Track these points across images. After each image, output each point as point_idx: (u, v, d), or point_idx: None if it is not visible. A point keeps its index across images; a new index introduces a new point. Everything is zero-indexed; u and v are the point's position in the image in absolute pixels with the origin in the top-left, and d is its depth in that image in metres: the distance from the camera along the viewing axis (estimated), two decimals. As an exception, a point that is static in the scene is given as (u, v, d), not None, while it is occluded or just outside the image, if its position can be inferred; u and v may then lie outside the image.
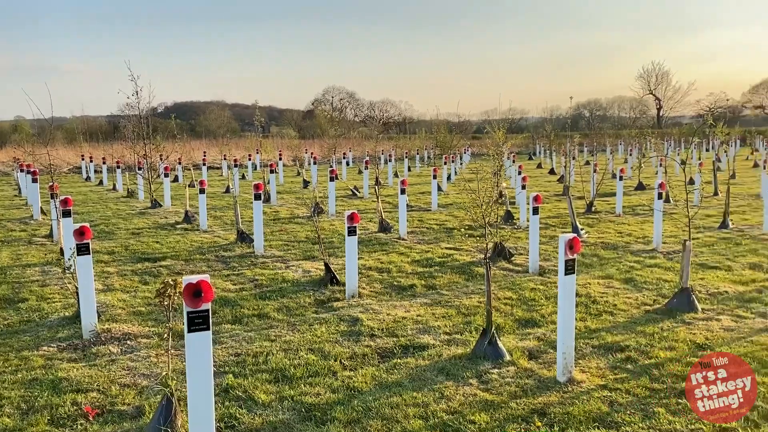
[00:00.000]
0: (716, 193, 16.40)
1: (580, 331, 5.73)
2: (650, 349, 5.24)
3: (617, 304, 6.63)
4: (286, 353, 5.26)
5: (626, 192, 17.22)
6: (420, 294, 7.18)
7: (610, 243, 10.16)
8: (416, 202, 16.11)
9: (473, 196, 6.25)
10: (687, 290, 6.44)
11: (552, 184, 21.53)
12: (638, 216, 13.25)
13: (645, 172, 23.26)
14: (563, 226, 11.93)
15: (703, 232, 11.01)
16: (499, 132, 14.89)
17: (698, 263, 8.52)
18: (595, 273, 8.12)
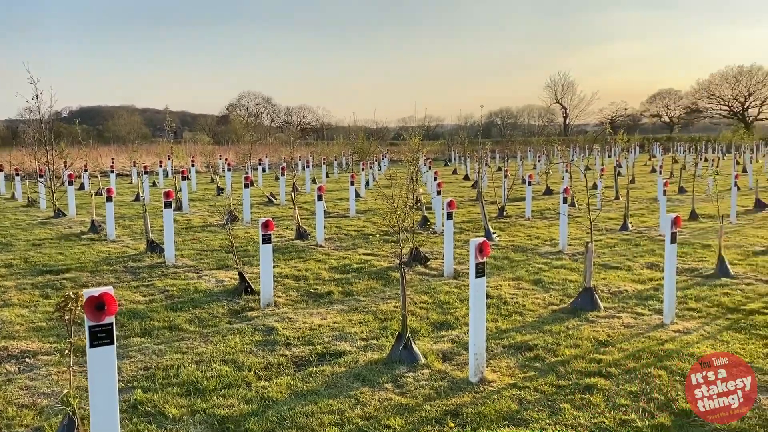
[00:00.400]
0: (617, 197, 17.32)
1: (492, 332, 5.90)
2: (557, 347, 5.48)
3: (526, 305, 6.89)
4: (198, 365, 5.12)
5: (535, 197, 17.93)
6: (337, 301, 7.17)
7: (520, 246, 10.54)
8: (334, 209, 16.09)
9: (390, 202, 6.32)
10: (590, 290, 6.77)
11: (466, 189, 22.09)
12: (546, 219, 13.81)
13: (552, 177, 24.28)
14: (477, 230, 12.26)
15: (606, 234, 11.62)
16: (415, 139, 15.14)
17: (601, 264, 8.98)
18: (506, 275, 8.40)
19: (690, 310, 6.59)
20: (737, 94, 76.68)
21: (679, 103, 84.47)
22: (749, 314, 6.37)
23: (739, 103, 76.74)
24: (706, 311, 6.54)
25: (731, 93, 77.19)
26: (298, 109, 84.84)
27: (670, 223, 6.10)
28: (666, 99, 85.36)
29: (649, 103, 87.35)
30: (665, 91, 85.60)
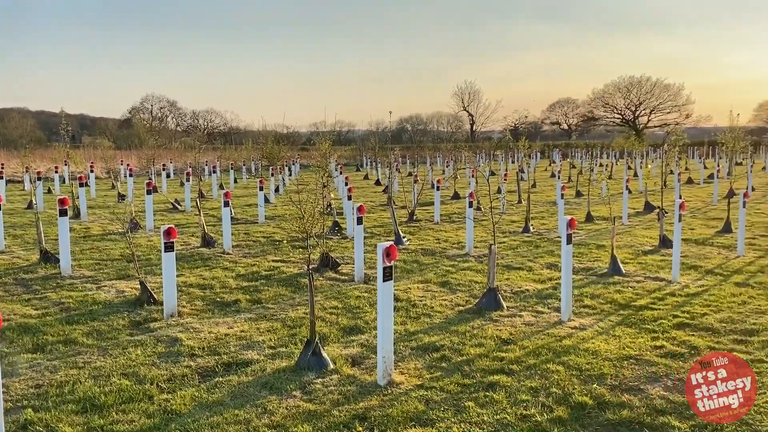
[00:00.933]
0: (520, 201, 18.03)
1: (401, 335, 5.99)
2: (462, 347, 5.63)
3: (434, 307, 7.03)
4: (96, 380, 4.88)
5: (444, 201, 18.34)
6: (245, 309, 7.03)
7: (429, 249, 10.75)
8: (242, 215, 15.78)
9: (299, 208, 6.28)
10: (494, 290, 7.01)
11: (378, 194, 22.28)
12: (454, 223, 14.16)
13: (460, 182, 24.93)
14: (388, 234, 12.39)
15: (509, 237, 12.06)
16: (326, 144, 15.12)
17: (504, 265, 9.31)
18: (415, 278, 8.54)
19: (586, 308, 6.95)
20: (629, 103, 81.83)
21: (576, 112, 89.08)
22: (639, 310, 6.81)
23: (630, 112, 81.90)
24: (600, 308, 6.93)
25: (624, 102, 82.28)
26: (205, 113, 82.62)
27: (566, 225, 6.42)
28: (564, 107, 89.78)
29: (549, 112, 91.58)
30: (564, 100, 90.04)
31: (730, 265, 9.11)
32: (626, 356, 5.34)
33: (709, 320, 6.35)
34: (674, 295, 7.44)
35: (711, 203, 17.69)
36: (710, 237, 11.68)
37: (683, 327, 6.15)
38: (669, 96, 79.61)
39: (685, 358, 5.29)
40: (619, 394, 4.57)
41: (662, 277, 8.37)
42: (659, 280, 8.20)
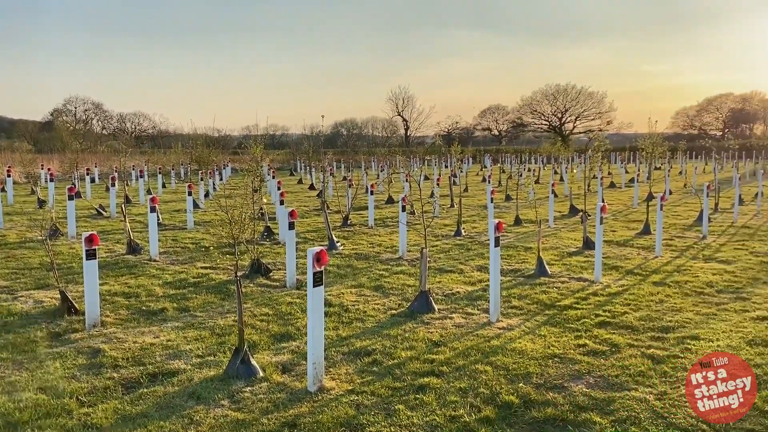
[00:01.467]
0: (452, 205, 18.34)
1: (332, 340, 5.97)
2: (394, 350, 5.67)
3: (367, 311, 7.05)
4: (10, 396, 4.63)
5: (378, 205, 18.43)
6: (171, 318, 6.84)
7: (363, 254, 10.77)
8: (171, 221, 15.35)
9: (229, 213, 6.15)
10: (425, 293, 7.09)
11: (312, 199, 22.15)
12: (388, 227, 14.24)
13: (394, 186, 25.13)
14: (321, 239, 12.33)
15: (441, 240, 12.24)
16: (257, 147, 14.91)
17: (436, 268, 9.44)
18: (349, 283, 8.53)
19: (513, 308, 7.13)
20: (555, 110, 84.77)
21: (506, 118, 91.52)
22: (563, 309, 7.04)
23: (557, 118, 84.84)
24: (527, 308, 7.13)
25: (550, 109, 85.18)
26: (132, 116, 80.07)
27: (494, 228, 6.57)
28: (495, 114, 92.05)
29: (481, 117, 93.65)
30: (494, 107, 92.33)
31: (648, 265, 9.55)
32: (551, 355, 5.51)
33: (629, 318, 6.63)
34: (597, 294, 7.73)
35: (632, 206, 18.51)
36: (631, 238, 12.21)
37: (605, 325, 6.40)
38: (593, 103, 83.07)
39: (606, 355, 5.50)
40: (544, 392, 4.71)
41: (585, 277, 8.69)
42: (583, 281, 8.50)
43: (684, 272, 8.97)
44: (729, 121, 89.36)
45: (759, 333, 6.03)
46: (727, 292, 7.79)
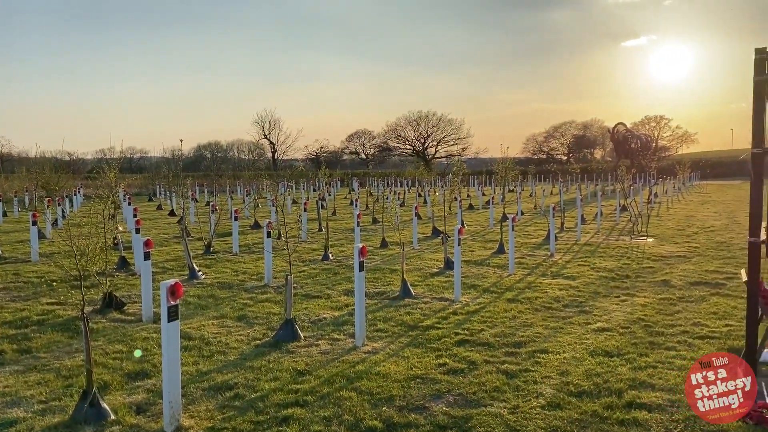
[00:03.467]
0: (320, 229, 18.37)
1: (192, 375, 5.71)
2: (257, 382, 5.53)
3: (230, 343, 6.83)
4: None
5: (244, 231, 18.03)
6: (10, 361, 6.20)
7: (226, 282, 10.45)
8: (12, 253, 14.00)
9: (76, 243, 5.71)
10: (291, 321, 7.01)
11: (172, 226, 21.20)
12: (254, 254, 13.95)
13: (261, 211, 24.74)
14: (181, 268, 11.82)
15: (309, 265, 12.19)
16: (111, 172, 14.04)
17: (303, 294, 9.38)
18: (210, 314, 8.23)
19: (379, 331, 7.24)
20: (418, 136, 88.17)
21: (373, 142, 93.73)
22: (425, 330, 7.26)
23: (420, 143, 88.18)
24: (391, 330, 7.27)
25: (414, 134, 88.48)
26: (-34, 138, 72.48)
27: (358, 253, 6.66)
28: (362, 138, 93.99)
29: (348, 141, 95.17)
30: (361, 131, 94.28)
31: (503, 283, 10.12)
32: (413, 376, 5.65)
33: (486, 335, 6.97)
34: (456, 313, 8.06)
35: (488, 227, 19.58)
36: (487, 258, 12.89)
37: (463, 343, 6.68)
38: (452, 129, 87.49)
39: (465, 373, 5.73)
40: (407, 414, 4.80)
41: (446, 297, 9.03)
42: (444, 300, 8.83)
43: (534, 289, 9.60)
44: (572, 147, 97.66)
45: (599, 344, 6.57)
46: (572, 306, 8.43)
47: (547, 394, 5.16)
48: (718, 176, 62.74)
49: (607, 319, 7.63)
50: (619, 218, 21.19)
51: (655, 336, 6.84)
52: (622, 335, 6.89)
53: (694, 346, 6.46)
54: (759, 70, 4.75)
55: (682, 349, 6.35)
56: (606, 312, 8.01)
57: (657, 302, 8.53)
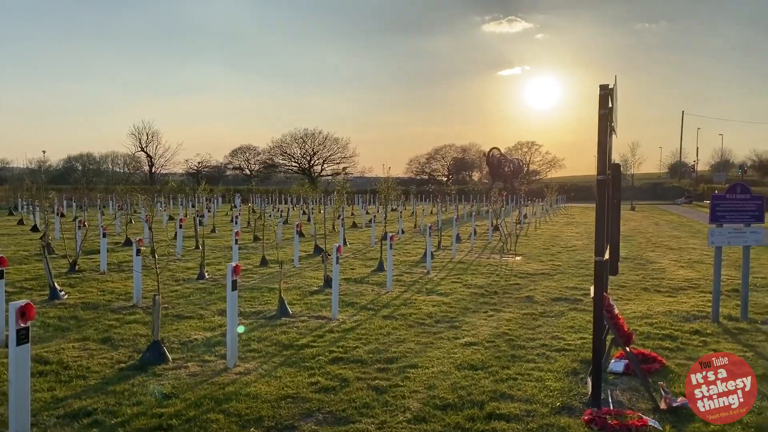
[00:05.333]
0: (198, 247, 17.77)
1: (46, 402, 5.35)
2: (118, 407, 5.27)
3: (91, 366, 6.46)
4: None
5: (114, 248, 17.12)
6: None
7: (91, 302, 9.86)
8: None
9: None
10: (158, 343, 6.74)
11: (34, 242, 19.65)
12: (123, 272, 13.27)
13: (134, 227, 23.58)
14: (42, 288, 11.00)
15: (182, 284, 11.78)
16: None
17: (175, 314, 9.05)
18: (72, 336, 7.74)
19: (252, 351, 7.14)
20: (304, 153, 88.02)
21: (258, 158, 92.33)
22: (300, 349, 7.25)
23: (306, 161, 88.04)
24: (265, 350, 7.19)
25: (300, 151, 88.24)
26: None
27: (231, 272, 6.56)
28: (246, 153, 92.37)
29: (232, 157, 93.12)
30: (246, 147, 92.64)
31: (380, 300, 10.32)
32: (285, 396, 5.62)
33: (359, 352, 7.08)
34: (333, 331, 8.11)
35: (370, 245, 19.88)
36: (367, 275, 13.09)
37: (337, 361, 6.74)
38: (338, 148, 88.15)
39: (336, 391, 5.79)
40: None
41: (324, 315, 9.07)
42: (321, 318, 8.86)
43: (410, 305, 9.87)
44: (452, 168, 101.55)
45: (465, 358, 6.88)
46: (443, 321, 8.76)
47: (414, 408, 5.33)
48: (582, 199, 67.60)
49: (475, 333, 8.01)
50: (491, 237, 22.28)
51: (517, 349, 7.27)
52: (488, 349, 7.26)
53: (551, 358, 6.93)
54: (603, 104, 5.25)
55: (541, 361, 6.80)
56: (474, 327, 8.39)
57: (521, 317, 9.07)
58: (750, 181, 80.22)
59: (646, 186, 79.12)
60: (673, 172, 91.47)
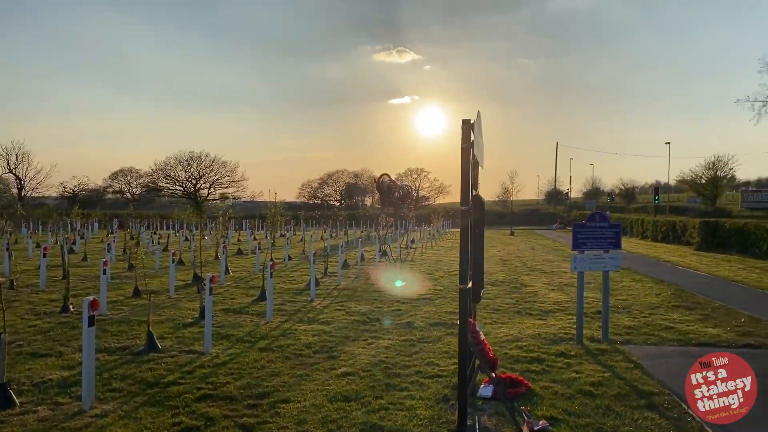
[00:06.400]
0: (65, 276, 16.54)
1: None
2: (-55, 464, 4.71)
3: None
4: None
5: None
6: None
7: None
8: None
9: None
10: (4, 386, 6.14)
11: None
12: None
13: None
14: None
15: (43, 319, 10.88)
16: None
17: (30, 352, 8.32)
18: None
19: (113, 391, 6.67)
20: (190, 176, 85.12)
21: (140, 181, 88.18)
22: (166, 386, 6.86)
23: (191, 185, 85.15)
24: (127, 389, 6.74)
25: (185, 175, 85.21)
26: None
27: (87, 306, 6.11)
28: (128, 176, 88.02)
29: (112, 180, 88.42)
30: (127, 169, 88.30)
31: (259, 332, 10.03)
32: (143, 439, 5.28)
33: (230, 388, 6.80)
34: (204, 366, 7.76)
35: (254, 272, 19.40)
36: (247, 305, 12.71)
37: (205, 399, 6.44)
38: (226, 172, 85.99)
39: (200, 431, 5.51)
40: (127, 482, 4.44)
41: (196, 349, 8.67)
42: (193, 353, 8.46)
43: (289, 336, 9.67)
44: (345, 194, 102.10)
45: (340, 389, 6.80)
46: (322, 352, 8.64)
47: (282, 445, 5.17)
48: (468, 224, 69.92)
49: (352, 363, 7.95)
50: (378, 263, 22.46)
51: (392, 377, 7.29)
52: (363, 379, 7.22)
53: (424, 385, 7.00)
54: (465, 138, 5.44)
55: (414, 389, 6.85)
56: (352, 356, 8.34)
57: (399, 344, 9.14)
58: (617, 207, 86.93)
59: (524, 212, 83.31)
60: (550, 199, 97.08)
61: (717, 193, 75.72)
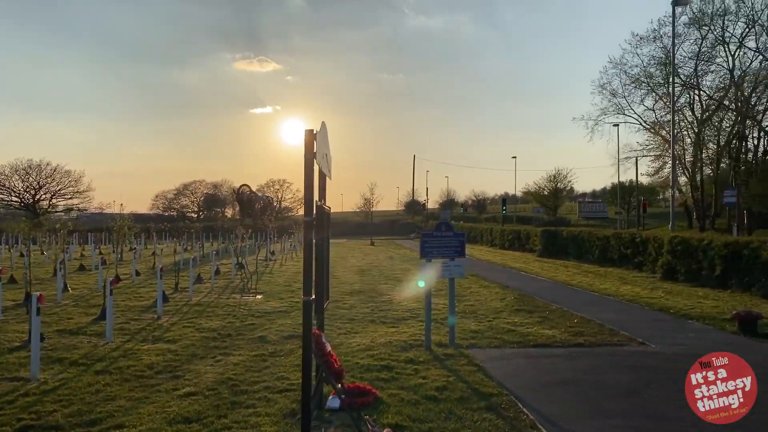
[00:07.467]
0: None
1: None
2: None
3: None
4: None
5: None
6: None
7: None
8: None
9: None
10: None
11: None
12: None
13: None
14: None
15: None
16: None
17: None
18: None
19: None
20: (28, 187, 77.79)
21: (-33, 192, 79.18)
22: (-20, 420, 6.15)
23: (30, 195, 77.85)
24: (-69, 428, 5.95)
25: (22, 185, 77.77)
26: None
27: None
28: (-48, 186, 78.73)
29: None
30: (-48, 178, 78.98)
31: (96, 353, 9.31)
32: (-57, 483, 4.67)
33: (57, 417, 6.24)
34: (28, 395, 7.06)
35: (97, 289, 18.06)
36: (86, 325, 11.78)
37: (26, 430, 5.85)
38: (70, 182, 79.59)
39: (16, 467, 4.99)
40: None
41: (21, 376, 7.89)
42: (17, 380, 7.69)
43: (130, 356, 9.07)
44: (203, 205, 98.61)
45: (181, 410, 6.47)
46: (165, 372, 8.19)
47: (110, 475, 4.81)
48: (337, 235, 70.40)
49: (197, 382, 7.62)
50: (234, 276, 21.84)
51: (239, 395, 7.07)
52: (207, 398, 6.93)
53: (272, 401, 6.86)
54: (308, 148, 5.42)
55: (261, 405, 6.68)
56: (198, 375, 7.99)
57: (249, 359, 8.90)
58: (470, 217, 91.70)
59: (385, 222, 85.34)
60: (409, 209, 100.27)
61: (558, 204, 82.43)
